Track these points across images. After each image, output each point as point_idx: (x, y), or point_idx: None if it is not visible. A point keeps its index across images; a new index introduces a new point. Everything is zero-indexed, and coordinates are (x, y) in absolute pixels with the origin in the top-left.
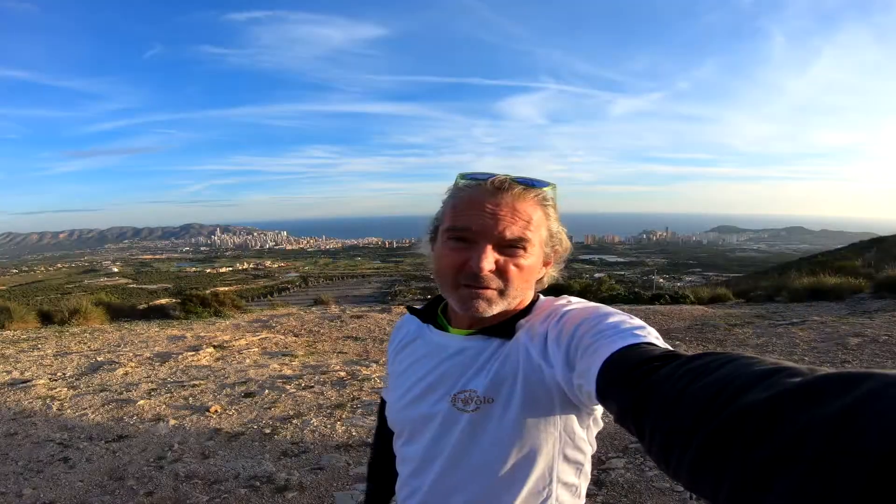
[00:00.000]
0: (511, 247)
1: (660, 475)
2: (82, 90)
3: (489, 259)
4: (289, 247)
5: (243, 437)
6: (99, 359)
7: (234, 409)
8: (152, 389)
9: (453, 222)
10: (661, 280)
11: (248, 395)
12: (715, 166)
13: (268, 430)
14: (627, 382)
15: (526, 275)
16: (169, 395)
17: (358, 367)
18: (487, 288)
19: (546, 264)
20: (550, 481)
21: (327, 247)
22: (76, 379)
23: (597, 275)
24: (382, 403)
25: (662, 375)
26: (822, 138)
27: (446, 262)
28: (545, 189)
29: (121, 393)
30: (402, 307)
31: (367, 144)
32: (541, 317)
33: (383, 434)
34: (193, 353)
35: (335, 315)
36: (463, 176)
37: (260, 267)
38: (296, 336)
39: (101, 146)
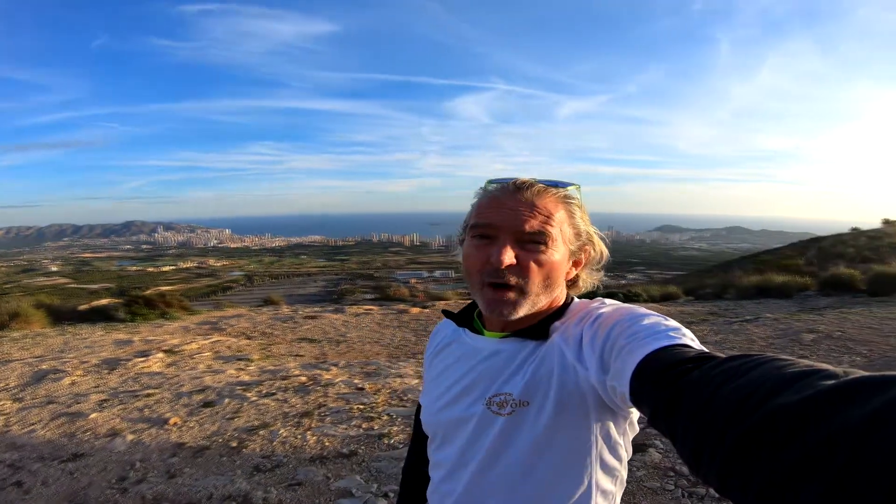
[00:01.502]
0: (532, 242)
1: (649, 474)
2: (22, 80)
3: (508, 253)
4: (233, 245)
5: (209, 451)
6: (43, 367)
7: (195, 421)
8: (103, 400)
9: (476, 220)
10: (605, 278)
11: (207, 404)
12: (658, 168)
13: (234, 444)
14: (660, 384)
15: (547, 271)
16: (122, 406)
17: (318, 372)
18: (508, 288)
19: (576, 264)
20: (588, 488)
21: (272, 245)
22: (20, 390)
23: None
24: (419, 408)
25: (695, 377)
26: (764, 142)
27: (471, 261)
28: (568, 188)
29: (70, 405)
30: (355, 307)
31: (312, 141)
32: (575, 319)
33: (419, 439)
34: (143, 358)
35: (287, 316)
36: (490, 181)
37: (203, 265)
38: (248, 338)
39: (40, 139)
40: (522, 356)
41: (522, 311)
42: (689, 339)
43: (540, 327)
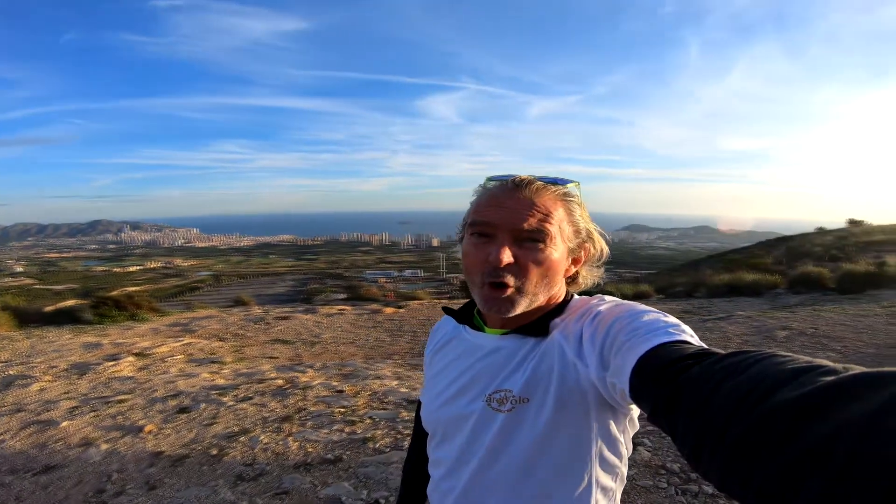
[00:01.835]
0: (530, 240)
1: (641, 472)
2: None
3: (507, 252)
4: (200, 244)
5: (188, 460)
6: (10, 372)
7: (171, 428)
8: (74, 407)
9: (474, 218)
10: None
11: (182, 410)
12: (627, 168)
13: (214, 452)
14: (660, 380)
15: (546, 270)
16: (94, 413)
17: (295, 374)
18: (506, 285)
19: (576, 262)
20: (588, 485)
21: (240, 244)
22: None
23: None
24: (419, 405)
25: (695, 373)
26: (732, 143)
27: (470, 260)
28: (568, 186)
29: (39, 413)
30: (327, 307)
31: (282, 140)
32: (575, 315)
33: (419, 437)
34: (113, 362)
35: (259, 316)
36: (490, 178)
37: (170, 265)
38: (221, 340)
39: (4, 136)
40: (523, 353)
41: (519, 309)
42: (689, 335)
43: (540, 324)
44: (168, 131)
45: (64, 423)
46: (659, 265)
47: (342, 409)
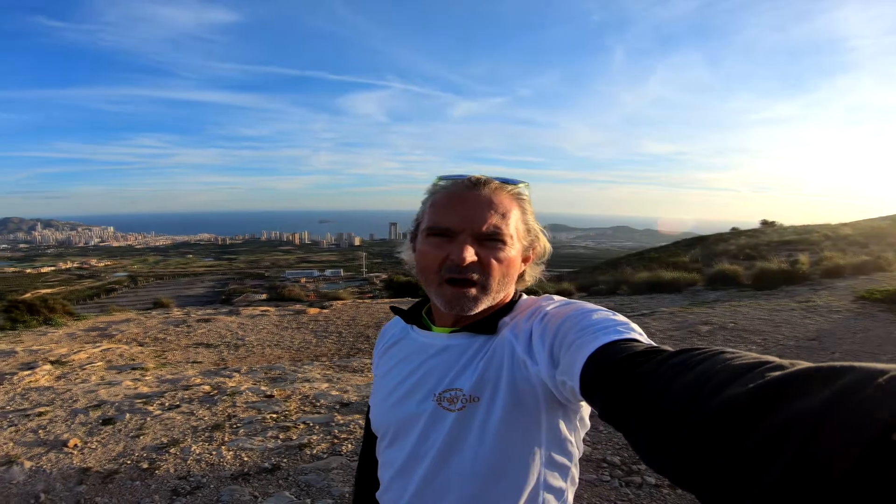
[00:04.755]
0: (490, 239)
1: (583, 467)
2: None
3: (470, 251)
4: (116, 244)
5: (119, 476)
6: None
7: (97, 441)
8: None
9: (433, 220)
10: None
11: (106, 421)
12: (548, 169)
13: (145, 465)
14: (611, 378)
15: (505, 268)
16: (13, 428)
17: (221, 379)
18: (469, 284)
19: (525, 260)
20: (537, 484)
21: (157, 244)
22: None
23: None
24: (369, 409)
25: (646, 371)
26: (648, 147)
27: (429, 259)
28: (519, 185)
29: None
30: (250, 308)
31: (202, 135)
32: (525, 314)
33: (370, 440)
34: (29, 371)
35: (180, 319)
36: (441, 178)
37: (85, 266)
38: (141, 345)
39: None
40: (472, 351)
41: (482, 307)
42: (638, 333)
43: (489, 322)
44: (85, 124)
45: None
46: (580, 264)
47: (274, 415)
